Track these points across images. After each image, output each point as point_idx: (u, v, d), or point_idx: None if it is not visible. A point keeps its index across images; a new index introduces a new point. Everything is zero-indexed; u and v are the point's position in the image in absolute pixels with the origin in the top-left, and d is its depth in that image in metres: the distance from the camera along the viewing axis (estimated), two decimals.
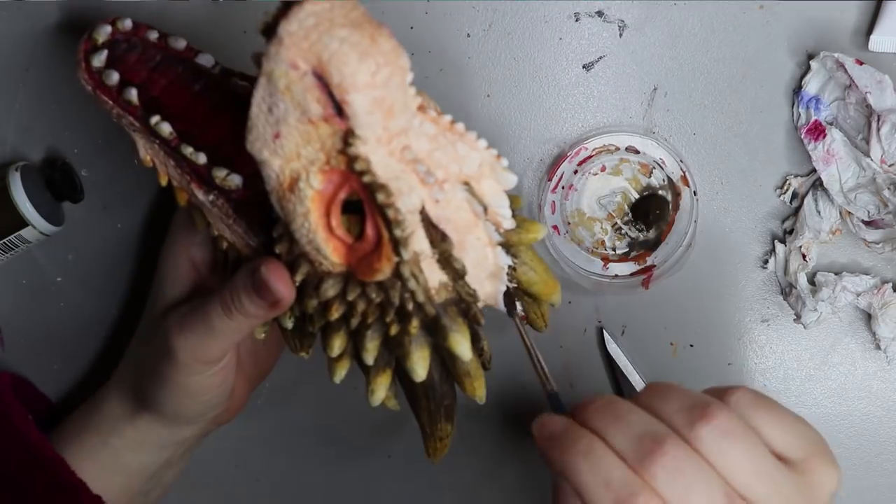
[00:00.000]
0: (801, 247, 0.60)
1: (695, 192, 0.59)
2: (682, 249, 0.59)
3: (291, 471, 0.65)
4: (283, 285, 0.46)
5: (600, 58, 0.62)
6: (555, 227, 0.60)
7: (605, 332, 0.62)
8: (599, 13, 0.61)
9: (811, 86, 0.59)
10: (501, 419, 0.64)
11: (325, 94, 0.40)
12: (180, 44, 0.50)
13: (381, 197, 0.41)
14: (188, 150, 0.48)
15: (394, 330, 0.45)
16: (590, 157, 0.60)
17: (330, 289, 0.45)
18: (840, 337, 0.62)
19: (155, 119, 0.48)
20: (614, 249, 0.61)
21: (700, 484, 0.36)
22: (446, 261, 0.44)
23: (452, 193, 0.44)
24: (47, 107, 0.62)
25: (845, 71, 0.58)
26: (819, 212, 0.60)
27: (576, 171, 0.60)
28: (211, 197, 0.48)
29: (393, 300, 0.44)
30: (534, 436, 0.40)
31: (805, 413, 0.62)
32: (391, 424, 0.63)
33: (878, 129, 0.57)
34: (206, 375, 0.51)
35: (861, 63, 0.57)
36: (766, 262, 0.62)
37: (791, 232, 0.61)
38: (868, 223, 0.59)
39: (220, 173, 0.48)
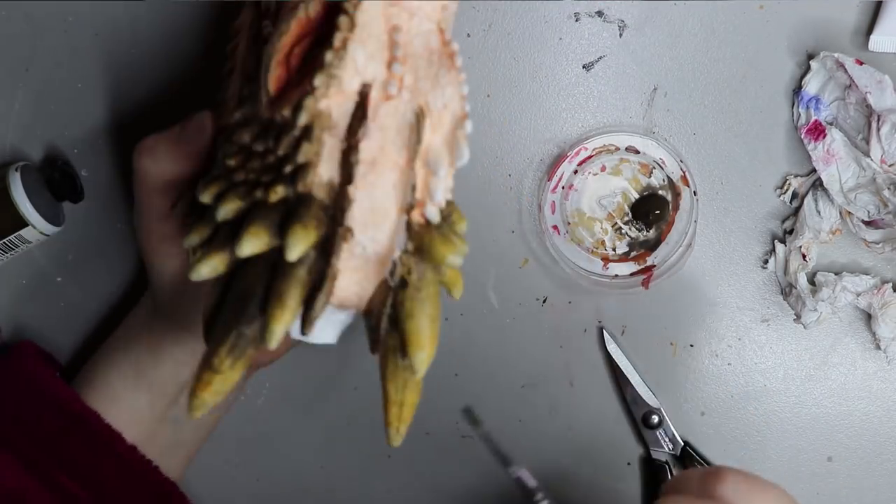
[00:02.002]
0: (801, 247, 0.60)
1: (695, 192, 0.59)
2: (682, 249, 0.59)
3: (291, 471, 0.65)
4: (205, 121, 0.48)
5: (600, 58, 0.62)
6: (555, 227, 0.60)
7: (605, 331, 0.62)
8: (599, 13, 0.61)
9: (811, 86, 0.59)
10: (501, 423, 0.64)
11: None
12: None
13: (343, 21, 0.40)
14: None
15: (259, 194, 0.40)
16: (590, 157, 0.60)
17: (246, 133, 0.42)
18: (840, 337, 0.62)
19: None
20: (614, 249, 0.61)
21: None
22: (345, 155, 0.40)
23: (406, 107, 0.41)
24: (47, 107, 0.62)
25: (845, 71, 0.58)
26: (819, 212, 0.60)
27: (576, 171, 0.60)
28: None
29: (278, 151, 0.40)
30: None
31: (805, 413, 0.62)
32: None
33: (878, 129, 0.57)
34: (173, 260, 0.51)
35: (861, 63, 0.57)
36: (766, 262, 0.62)
37: (791, 232, 0.61)
38: (868, 223, 0.59)
39: None
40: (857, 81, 0.57)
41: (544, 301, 0.63)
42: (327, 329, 0.43)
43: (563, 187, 0.60)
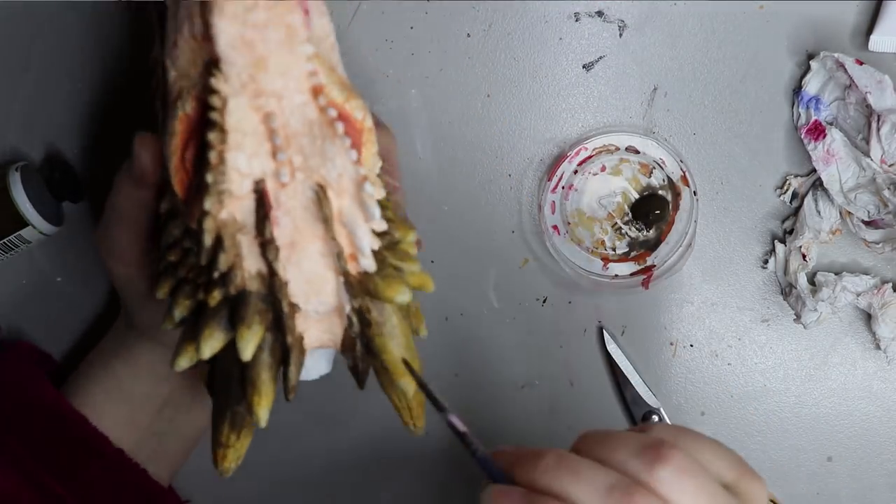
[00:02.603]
0: (801, 247, 0.60)
1: (695, 192, 0.59)
2: (682, 249, 0.59)
3: (291, 470, 0.65)
4: (144, 150, 0.46)
5: (600, 58, 0.62)
6: (555, 227, 0.60)
7: (605, 331, 0.62)
8: (599, 13, 0.61)
9: (811, 86, 0.59)
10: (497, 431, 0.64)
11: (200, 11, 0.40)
12: None
13: (211, 136, 0.40)
14: None
15: (200, 295, 0.42)
16: (590, 157, 0.60)
17: (175, 227, 0.43)
18: (840, 337, 0.62)
19: None
20: (614, 249, 0.61)
21: None
22: (263, 248, 0.41)
23: (303, 187, 0.41)
24: (47, 107, 0.62)
25: (845, 71, 0.58)
26: (819, 212, 0.60)
27: (576, 171, 0.60)
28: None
29: (200, 260, 0.41)
30: None
31: (805, 413, 0.62)
32: (392, 424, 0.63)
33: (878, 129, 0.57)
34: (140, 279, 0.51)
35: (861, 63, 0.57)
36: (766, 262, 0.62)
37: (791, 232, 0.61)
38: (868, 223, 0.59)
39: None
40: (857, 81, 0.57)
41: (544, 301, 0.63)
42: (318, 363, 0.46)
43: (563, 187, 0.60)
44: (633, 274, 0.60)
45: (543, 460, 0.38)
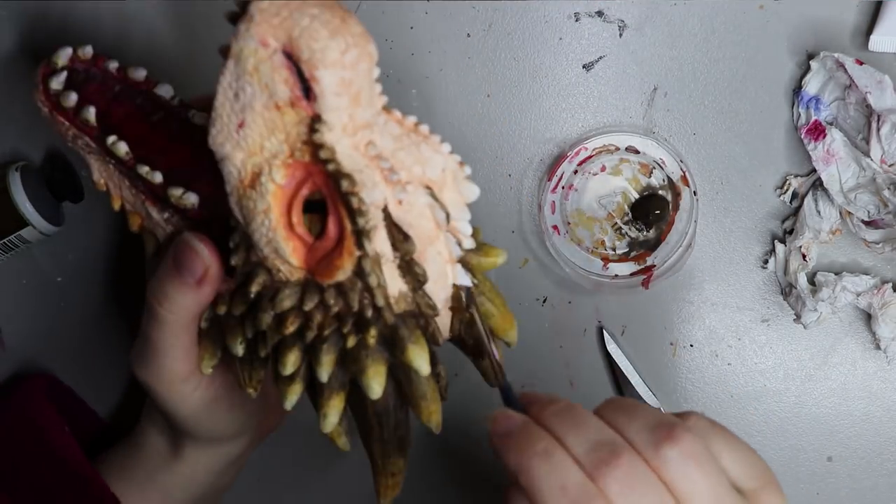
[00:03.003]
0: (801, 247, 0.60)
1: (695, 192, 0.59)
2: (682, 249, 0.59)
3: (291, 471, 0.65)
4: (206, 245, 0.45)
5: (600, 58, 0.62)
6: (555, 227, 0.60)
7: (605, 331, 0.62)
8: (599, 13, 0.61)
9: (811, 86, 0.59)
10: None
11: (293, 73, 0.40)
12: (139, 74, 0.50)
13: (345, 184, 0.40)
14: (144, 170, 0.47)
15: (351, 342, 0.43)
16: (590, 157, 0.60)
17: (286, 299, 0.43)
18: (840, 337, 0.62)
19: (112, 139, 0.47)
20: (614, 249, 0.61)
21: (650, 500, 0.36)
22: (408, 266, 0.42)
23: (415, 197, 0.43)
24: None
25: (845, 71, 0.58)
26: (819, 212, 0.60)
27: (576, 171, 0.60)
28: (166, 215, 0.48)
29: (352, 304, 0.42)
30: (489, 430, 0.39)
31: (805, 413, 0.62)
32: None
33: (878, 129, 0.57)
34: (196, 391, 0.49)
35: (861, 63, 0.57)
36: (766, 262, 0.62)
37: (791, 232, 0.61)
38: (868, 223, 0.59)
39: (175, 192, 0.47)
40: (857, 81, 0.57)
41: (544, 301, 0.63)
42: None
43: (563, 187, 0.60)
44: (633, 274, 0.60)
45: (556, 404, 0.39)
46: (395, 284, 0.43)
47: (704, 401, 0.63)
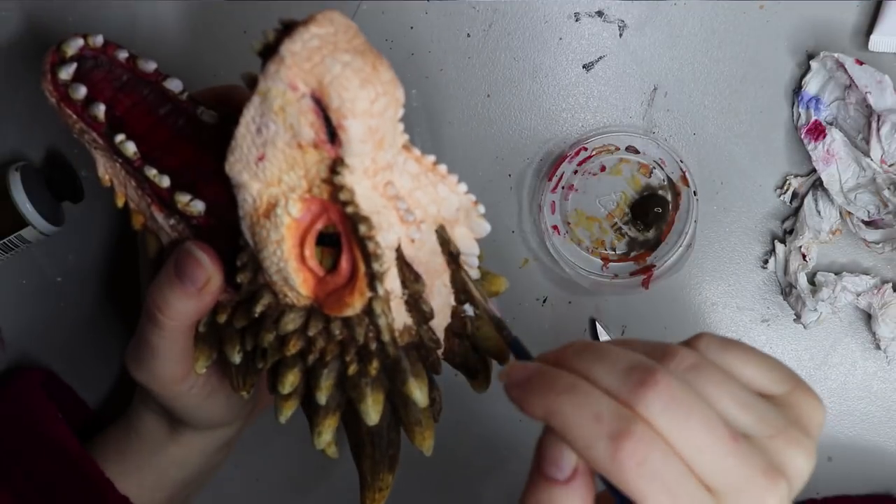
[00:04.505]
0: (801, 247, 0.60)
1: (695, 192, 0.59)
2: (682, 249, 0.59)
3: (291, 471, 0.65)
4: (209, 254, 0.45)
5: (600, 58, 0.62)
6: (555, 227, 0.60)
7: (597, 324, 0.62)
8: (599, 13, 0.61)
9: (811, 86, 0.59)
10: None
11: (320, 118, 0.40)
12: (149, 66, 0.49)
13: (363, 229, 0.41)
14: (152, 172, 0.47)
15: (352, 370, 0.43)
16: (590, 157, 0.60)
17: (290, 322, 0.43)
18: (840, 337, 0.62)
19: (120, 137, 0.47)
20: (614, 249, 0.61)
21: (697, 412, 0.33)
22: (415, 303, 0.43)
23: (428, 235, 0.43)
24: (47, 107, 0.62)
25: (845, 71, 0.58)
26: (819, 212, 0.60)
27: (576, 171, 0.60)
28: (172, 221, 0.47)
29: (357, 338, 0.43)
30: (504, 385, 0.36)
31: None
32: None
33: (878, 129, 0.57)
34: (192, 389, 0.50)
35: (861, 63, 0.57)
36: (766, 262, 0.62)
37: (791, 232, 0.61)
38: (868, 223, 0.59)
39: (183, 198, 0.46)
40: (857, 81, 0.57)
41: (544, 301, 0.63)
42: None
43: (563, 187, 0.60)
44: (633, 274, 0.60)
45: (570, 347, 0.36)
46: (400, 318, 0.43)
47: None
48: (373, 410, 0.44)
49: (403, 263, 0.42)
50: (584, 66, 0.62)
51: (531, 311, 0.63)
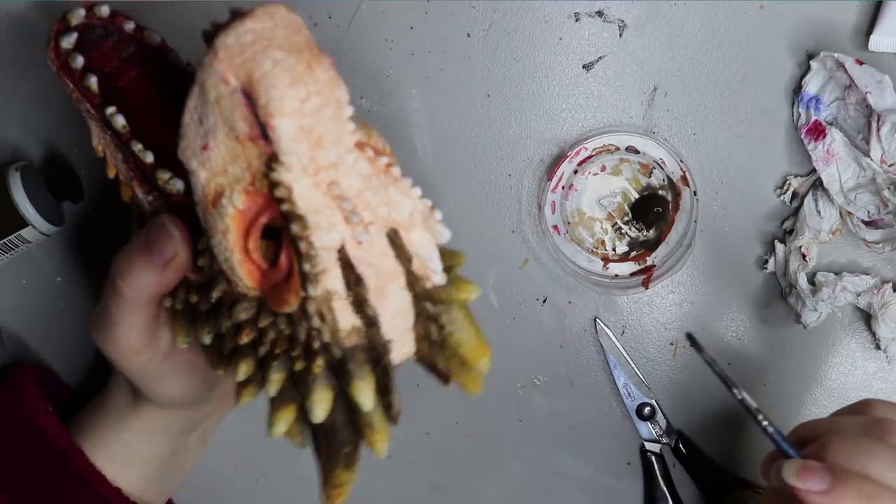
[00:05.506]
0: (801, 247, 0.60)
1: (695, 192, 0.59)
2: (682, 249, 0.59)
3: (291, 471, 0.65)
4: (181, 231, 0.45)
5: (600, 58, 0.62)
6: (555, 227, 0.60)
7: (597, 321, 0.62)
8: (599, 13, 0.61)
9: (811, 86, 0.59)
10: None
11: (251, 113, 0.39)
12: (156, 38, 0.49)
13: (295, 228, 0.40)
14: (137, 147, 0.47)
15: (298, 366, 0.43)
16: (590, 157, 0.60)
17: (243, 312, 0.43)
18: (840, 337, 0.62)
19: (110, 110, 0.47)
20: (614, 249, 0.61)
21: None
22: (359, 305, 0.42)
23: (378, 237, 0.42)
24: (47, 107, 0.62)
25: (845, 71, 0.58)
26: (819, 212, 0.60)
27: (576, 171, 0.60)
28: (150, 198, 0.47)
29: (299, 335, 0.42)
30: (789, 484, 0.43)
31: (805, 413, 0.62)
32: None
33: (878, 129, 0.57)
34: (150, 363, 0.50)
35: (861, 63, 0.57)
36: (766, 262, 0.62)
37: (791, 232, 0.61)
38: (868, 223, 0.59)
39: (164, 175, 0.46)
40: (857, 81, 0.57)
41: (544, 301, 0.63)
42: None
43: (563, 187, 0.60)
44: (633, 274, 0.60)
45: (831, 445, 0.44)
46: (348, 319, 0.42)
47: (704, 401, 0.63)
48: (318, 408, 0.43)
49: (346, 265, 0.41)
50: (584, 66, 0.62)
51: (531, 311, 0.63)
